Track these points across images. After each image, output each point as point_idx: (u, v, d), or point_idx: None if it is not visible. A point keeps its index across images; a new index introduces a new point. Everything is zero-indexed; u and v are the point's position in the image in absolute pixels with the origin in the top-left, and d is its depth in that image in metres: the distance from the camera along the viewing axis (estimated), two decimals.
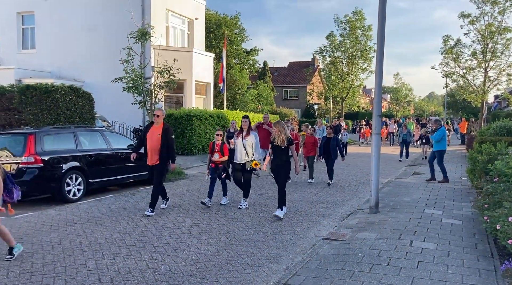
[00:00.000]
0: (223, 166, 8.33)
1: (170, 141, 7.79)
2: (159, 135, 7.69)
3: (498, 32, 24.96)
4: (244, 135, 8.30)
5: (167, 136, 7.73)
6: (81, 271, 4.90)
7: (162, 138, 7.68)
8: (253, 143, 8.23)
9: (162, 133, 7.71)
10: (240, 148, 8.23)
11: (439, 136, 11.30)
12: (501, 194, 6.06)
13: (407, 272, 4.80)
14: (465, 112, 53.99)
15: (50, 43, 19.94)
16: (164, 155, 7.72)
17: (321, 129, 18.08)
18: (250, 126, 8.39)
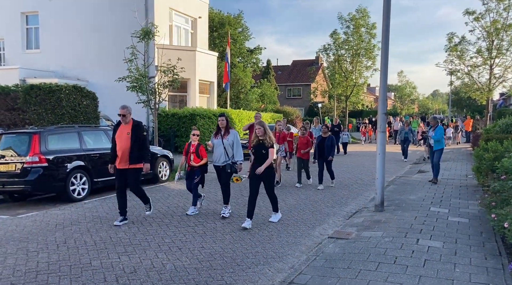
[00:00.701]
0: (199, 170, 7.65)
1: (141, 139, 6.98)
2: (128, 134, 6.89)
3: (503, 28, 24.80)
4: (223, 134, 7.50)
5: (137, 134, 6.92)
6: (86, 270, 4.90)
7: (132, 136, 6.87)
8: (234, 141, 7.45)
9: (131, 131, 6.91)
10: (219, 149, 7.47)
11: (440, 136, 10.73)
12: (508, 191, 5.99)
13: (413, 270, 4.76)
14: (470, 110, 53.66)
15: (54, 43, 19.99)
16: (136, 155, 6.89)
17: (317, 128, 16.78)
18: (228, 124, 7.55)
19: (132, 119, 7.06)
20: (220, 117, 7.54)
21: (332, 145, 10.59)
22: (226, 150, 7.40)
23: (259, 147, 6.80)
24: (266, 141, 6.78)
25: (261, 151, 6.77)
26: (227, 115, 7.90)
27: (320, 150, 10.64)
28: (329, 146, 10.54)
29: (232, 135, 7.44)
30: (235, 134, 7.50)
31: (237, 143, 7.48)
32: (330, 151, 10.54)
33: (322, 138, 10.70)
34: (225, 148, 7.40)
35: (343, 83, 33.13)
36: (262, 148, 6.76)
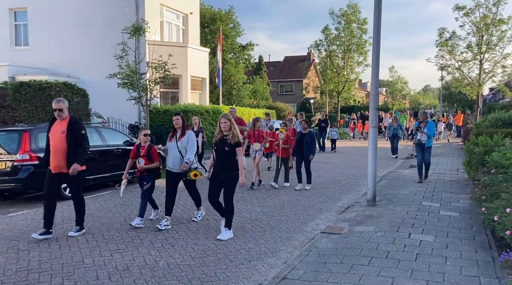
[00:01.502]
0: (149, 175, 6.79)
1: (79, 138, 6.00)
2: (63, 132, 5.93)
3: (493, 24, 25.01)
4: (178, 137, 6.62)
5: (74, 133, 5.95)
6: (78, 268, 4.87)
7: (68, 136, 5.90)
8: (188, 144, 6.60)
9: (67, 129, 5.93)
10: (173, 153, 6.59)
11: (433, 132, 10.23)
12: (498, 185, 6.06)
13: (406, 264, 4.80)
14: (460, 105, 54.14)
15: (43, 39, 19.74)
16: (74, 158, 5.94)
17: None
18: (185, 124, 6.72)
19: (69, 116, 6.09)
20: (175, 116, 6.65)
21: (312, 142, 9.75)
22: (181, 154, 6.51)
23: (222, 144, 5.97)
24: (230, 137, 5.95)
25: (223, 149, 5.93)
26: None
27: (299, 147, 9.78)
28: (309, 143, 9.66)
29: (186, 137, 6.59)
30: (190, 135, 6.64)
31: (191, 142, 6.61)
32: (309, 148, 9.66)
33: (302, 135, 9.86)
34: (180, 152, 6.52)
35: (335, 79, 33.22)
36: (225, 145, 5.92)
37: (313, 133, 10.12)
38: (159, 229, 6.34)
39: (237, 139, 5.94)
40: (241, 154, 5.98)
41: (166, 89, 19.34)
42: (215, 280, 4.59)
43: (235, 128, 6.02)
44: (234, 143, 5.90)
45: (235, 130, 6.00)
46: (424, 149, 10.18)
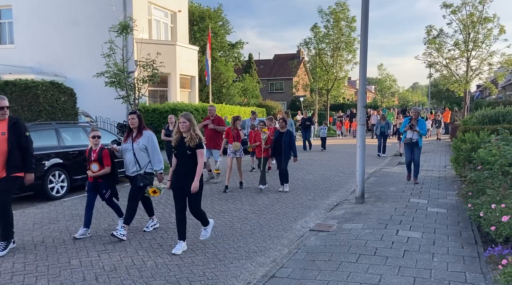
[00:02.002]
0: (104, 182, 6.15)
1: (23, 141, 5.44)
2: (3, 134, 5.31)
3: (479, 22, 25.26)
4: (134, 137, 6.01)
5: (17, 135, 5.37)
6: (64, 270, 4.81)
7: (9, 138, 5.31)
8: (148, 145, 5.97)
9: (8, 130, 5.33)
10: (128, 155, 5.98)
11: (425, 130, 9.73)
12: (484, 181, 6.14)
13: (393, 261, 4.83)
14: (448, 102, 54.69)
15: (29, 38, 19.47)
16: (15, 163, 5.35)
17: (288, 123, 16.26)
18: (142, 124, 6.10)
19: (9, 116, 5.46)
20: (130, 115, 6.06)
21: (291, 141, 9.24)
22: (136, 157, 5.92)
23: (183, 147, 5.33)
24: (188, 139, 5.28)
25: (185, 152, 5.31)
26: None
27: (277, 147, 9.30)
28: (287, 142, 9.18)
29: (145, 138, 5.95)
30: (149, 137, 5.99)
31: (153, 147, 5.99)
32: (288, 148, 9.19)
33: (279, 134, 9.37)
34: (135, 154, 5.92)
35: (324, 77, 33.27)
36: (186, 148, 5.30)
37: (291, 132, 9.60)
38: (115, 235, 5.76)
39: (198, 141, 5.29)
40: (201, 157, 5.37)
41: (155, 88, 19.21)
42: (203, 279, 4.57)
43: (195, 130, 5.36)
44: (194, 146, 5.28)
45: (195, 132, 5.35)
46: (414, 148, 9.57)
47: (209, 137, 10.10)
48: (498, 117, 12.64)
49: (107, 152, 6.16)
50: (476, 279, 4.29)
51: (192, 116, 5.47)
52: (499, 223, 4.64)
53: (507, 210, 4.71)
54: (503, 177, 5.94)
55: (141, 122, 6.09)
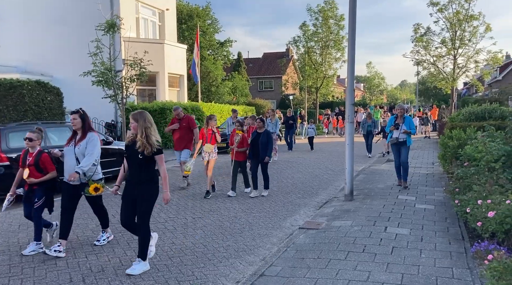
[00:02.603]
0: (41, 189, 5.44)
1: None
2: None
3: (465, 20, 25.56)
4: (77, 140, 5.36)
5: None
6: (51, 271, 4.74)
7: None
8: (86, 148, 5.31)
9: None
10: (70, 160, 5.31)
11: (414, 129, 9.07)
12: (470, 178, 6.20)
13: (381, 258, 4.85)
14: (436, 99, 55.27)
15: (14, 36, 19.17)
16: None
17: (273, 122, 14.83)
18: (87, 125, 5.44)
19: None
20: (72, 115, 5.37)
21: (269, 142, 8.65)
22: (78, 162, 5.25)
23: (133, 149, 4.59)
24: (139, 145, 4.54)
25: (136, 156, 4.56)
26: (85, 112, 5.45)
27: (255, 148, 8.71)
28: (265, 143, 8.60)
29: (86, 140, 5.33)
30: (91, 138, 5.36)
31: (90, 147, 5.30)
32: (265, 149, 8.58)
33: (257, 134, 8.75)
34: (77, 159, 5.26)
35: (313, 75, 33.41)
36: (136, 151, 4.56)
37: (269, 132, 8.95)
38: (47, 254, 5.08)
39: (151, 150, 4.54)
40: (162, 163, 4.70)
41: (143, 87, 19.07)
42: (192, 279, 4.55)
43: (148, 136, 4.55)
44: (149, 153, 4.54)
45: (146, 139, 4.53)
46: (402, 148, 8.86)
47: (178, 139, 9.55)
48: (484, 114, 12.79)
49: (47, 156, 5.48)
50: (463, 274, 4.34)
51: (145, 116, 4.65)
52: (485, 219, 4.69)
53: (493, 205, 4.76)
54: (489, 173, 6.01)
55: (85, 122, 5.38)
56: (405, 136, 8.73)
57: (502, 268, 3.45)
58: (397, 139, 8.75)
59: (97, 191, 5.30)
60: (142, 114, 4.66)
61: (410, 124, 8.82)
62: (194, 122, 9.76)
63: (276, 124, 14.68)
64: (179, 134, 9.53)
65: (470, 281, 4.18)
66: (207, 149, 8.71)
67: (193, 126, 9.59)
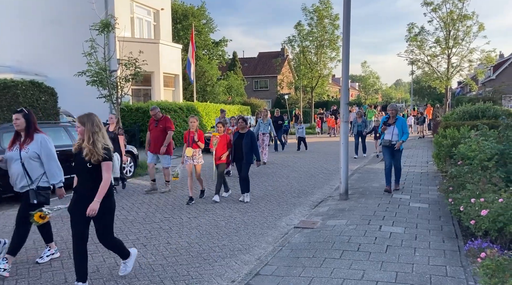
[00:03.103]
0: None
1: None
2: None
3: (459, 19, 25.70)
4: (21, 142, 4.76)
5: None
6: (45, 272, 4.73)
7: None
8: (41, 153, 4.73)
9: None
10: (15, 166, 4.72)
11: (407, 131, 8.43)
12: (464, 176, 6.24)
13: (376, 256, 4.88)
14: (430, 99, 55.54)
15: (8, 36, 19.06)
16: None
17: (266, 123, 14.02)
18: (32, 126, 4.79)
19: None
20: (15, 115, 4.75)
21: (253, 144, 8.09)
22: (25, 168, 4.68)
23: (81, 160, 4.10)
24: (86, 152, 4.06)
25: (85, 165, 4.07)
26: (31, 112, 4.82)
27: (237, 150, 8.16)
28: (248, 145, 8.01)
29: (36, 144, 4.72)
30: (42, 141, 4.77)
31: (48, 155, 4.77)
32: (249, 151, 8.03)
33: (239, 135, 8.17)
34: (23, 164, 4.67)
35: (308, 75, 33.44)
36: (83, 159, 4.07)
37: (253, 133, 8.27)
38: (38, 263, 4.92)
39: (98, 158, 4.06)
40: (108, 171, 4.14)
41: (138, 87, 19.03)
42: (187, 278, 4.56)
43: (94, 143, 4.07)
44: (96, 161, 4.07)
45: (94, 145, 4.06)
46: (394, 151, 8.36)
47: (154, 141, 8.96)
48: (478, 113, 12.88)
49: None
50: (457, 272, 4.38)
51: (94, 120, 4.15)
52: (479, 217, 4.73)
53: (486, 204, 4.80)
54: (482, 171, 6.06)
55: (30, 123, 4.75)
56: (398, 139, 8.23)
57: (494, 265, 3.48)
58: (389, 141, 8.26)
59: (42, 219, 4.50)
60: (90, 117, 4.17)
61: (403, 126, 8.29)
62: (171, 124, 9.18)
63: (269, 124, 14.06)
64: (155, 135, 8.98)
65: (464, 279, 4.22)
66: (188, 153, 8.10)
67: (169, 129, 8.99)
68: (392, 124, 8.32)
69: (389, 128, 8.29)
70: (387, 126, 8.35)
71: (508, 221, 4.48)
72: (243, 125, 8.26)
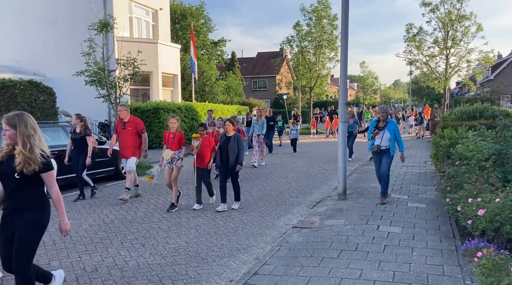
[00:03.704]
0: None
1: None
2: None
3: (457, 20, 25.75)
4: None
5: None
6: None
7: None
8: None
9: None
10: None
11: (400, 139, 7.59)
12: (461, 176, 6.27)
13: (374, 256, 4.90)
14: (429, 99, 55.63)
15: (7, 36, 19.05)
16: None
17: (260, 124, 13.36)
18: None
19: None
20: None
21: (240, 148, 7.45)
22: None
23: (7, 166, 3.40)
24: (19, 161, 3.32)
25: (10, 174, 3.38)
26: None
27: (223, 155, 7.50)
28: (235, 148, 7.41)
29: None
30: None
31: None
32: (236, 155, 7.40)
33: (226, 139, 7.52)
34: None
35: (307, 75, 33.42)
36: (11, 169, 3.36)
37: (240, 136, 7.56)
38: None
39: (35, 166, 3.35)
40: (53, 182, 3.53)
41: (137, 87, 19.03)
42: (186, 278, 4.57)
43: (31, 149, 3.35)
44: (30, 171, 3.34)
45: (29, 152, 3.34)
46: (383, 157, 7.49)
47: (123, 145, 8.29)
48: (476, 114, 12.91)
49: None
50: (454, 271, 4.40)
51: (27, 121, 3.43)
52: (476, 217, 4.75)
53: (483, 204, 4.82)
54: (479, 171, 6.08)
55: None
56: (388, 144, 7.42)
57: (491, 265, 3.50)
58: (378, 147, 7.45)
59: None
60: (21, 117, 3.42)
61: (395, 130, 7.46)
62: (142, 125, 8.44)
63: (263, 125, 13.32)
64: (124, 139, 8.24)
65: (461, 278, 4.24)
66: (166, 155, 7.50)
67: (141, 131, 8.34)
68: (382, 128, 7.48)
69: (380, 133, 7.47)
70: (379, 130, 7.49)
71: (504, 220, 4.51)
72: (230, 127, 7.56)
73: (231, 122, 7.63)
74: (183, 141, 7.75)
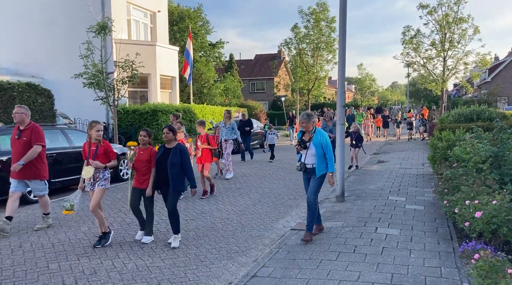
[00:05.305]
0: None
1: None
2: None
3: (454, 22, 25.88)
4: None
5: None
6: (43, 274, 4.74)
7: None
8: None
9: None
10: None
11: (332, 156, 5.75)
12: (459, 178, 6.30)
13: (372, 258, 4.93)
14: (427, 101, 55.75)
15: (5, 38, 19.02)
16: None
17: (228, 127, 11.66)
18: None
19: None
20: None
21: (184, 164, 5.62)
22: None
23: None
24: None
25: None
26: None
27: (161, 172, 5.68)
28: (177, 164, 5.57)
29: None
30: None
31: None
32: (179, 174, 5.60)
33: (165, 151, 5.70)
34: None
35: (305, 77, 33.51)
36: None
37: (183, 148, 5.73)
38: None
39: None
40: None
41: (135, 89, 19.01)
42: (185, 281, 4.58)
43: None
44: None
45: None
46: (312, 178, 5.86)
47: (17, 159, 6.19)
48: (473, 116, 12.95)
49: None
50: (451, 273, 4.42)
51: None
52: (473, 219, 4.78)
53: (480, 206, 4.85)
54: (477, 174, 6.11)
55: None
56: (314, 162, 5.73)
57: (488, 267, 3.53)
58: (304, 165, 5.81)
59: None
60: None
61: (322, 144, 5.64)
62: (40, 135, 6.40)
63: (232, 130, 11.65)
64: (17, 152, 6.23)
65: (458, 280, 4.26)
66: (86, 174, 5.66)
67: (35, 141, 6.29)
68: (308, 141, 5.74)
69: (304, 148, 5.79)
70: (300, 145, 5.78)
71: (501, 223, 4.54)
72: (170, 137, 5.65)
73: (170, 129, 5.69)
74: (113, 155, 5.85)
